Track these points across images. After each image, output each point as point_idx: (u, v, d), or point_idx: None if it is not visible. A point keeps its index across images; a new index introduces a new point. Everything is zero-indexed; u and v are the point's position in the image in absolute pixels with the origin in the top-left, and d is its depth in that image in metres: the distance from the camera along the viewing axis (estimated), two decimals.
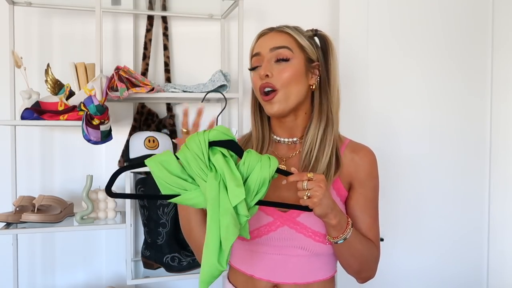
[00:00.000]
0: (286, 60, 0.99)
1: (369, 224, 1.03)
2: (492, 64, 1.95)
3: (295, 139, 1.06)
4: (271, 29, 1.03)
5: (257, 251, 1.02)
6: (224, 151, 0.86)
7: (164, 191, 0.87)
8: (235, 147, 0.87)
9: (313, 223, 0.98)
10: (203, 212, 1.03)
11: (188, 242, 1.08)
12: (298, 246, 0.99)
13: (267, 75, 0.98)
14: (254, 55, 1.03)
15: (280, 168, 0.89)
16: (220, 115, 1.13)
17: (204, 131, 0.87)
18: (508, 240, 1.93)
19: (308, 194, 0.86)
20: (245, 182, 0.86)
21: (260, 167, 0.85)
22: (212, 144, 0.85)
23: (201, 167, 0.84)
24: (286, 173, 0.89)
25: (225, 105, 1.19)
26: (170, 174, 0.85)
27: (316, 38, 1.06)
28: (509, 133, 1.92)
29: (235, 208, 0.84)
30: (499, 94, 1.94)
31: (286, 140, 1.06)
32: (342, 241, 0.94)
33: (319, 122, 1.02)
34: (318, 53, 1.04)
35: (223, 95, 1.21)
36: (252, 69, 1.04)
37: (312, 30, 1.05)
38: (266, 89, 0.99)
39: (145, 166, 0.86)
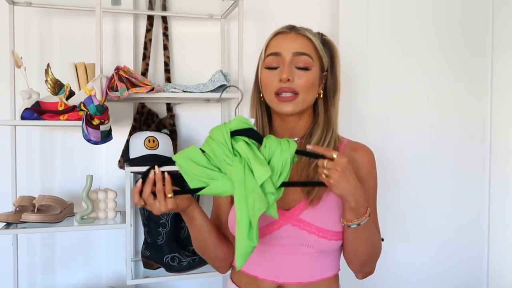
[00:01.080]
0: (308, 68, 0.99)
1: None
2: (492, 64, 1.95)
3: (296, 139, 1.06)
4: (291, 29, 1.02)
5: (260, 251, 1.02)
6: (246, 139, 0.90)
7: (192, 184, 0.90)
8: (255, 135, 0.91)
9: (316, 220, 0.98)
10: (215, 230, 1.06)
11: (203, 257, 1.11)
12: (303, 244, 0.99)
13: (288, 79, 0.97)
14: (272, 53, 1.01)
15: (299, 149, 0.92)
16: (237, 107, 1.16)
17: (225, 123, 0.91)
18: (508, 240, 1.93)
19: (326, 173, 0.87)
20: (268, 164, 0.89)
21: (280, 150, 0.89)
22: (233, 133, 0.89)
23: (226, 153, 0.88)
24: (305, 153, 0.93)
25: (241, 99, 1.20)
26: (198, 165, 0.89)
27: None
28: (509, 133, 1.92)
29: (262, 187, 0.87)
30: (499, 94, 1.94)
31: None
32: (355, 225, 0.93)
33: (325, 131, 1.03)
34: (328, 61, 1.04)
35: (238, 88, 1.23)
36: (269, 68, 1.01)
37: (318, 33, 1.05)
38: (285, 94, 0.98)
39: (173, 162, 0.90)
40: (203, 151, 0.91)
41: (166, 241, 1.59)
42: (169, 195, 0.90)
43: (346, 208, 0.93)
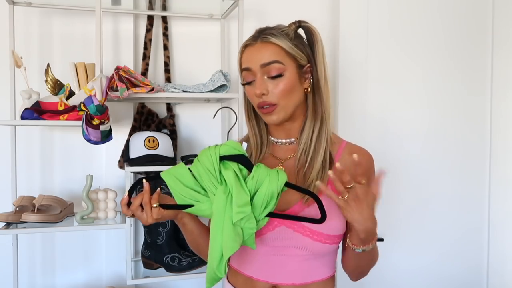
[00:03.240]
0: (280, 75, 0.97)
1: None
2: (492, 64, 1.95)
3: (292, 139, 1.06)
4: (255, 39, 0.99)
5: (255, 251, 1.02)
6: (235, 165, 0.89)
7: (179, 201, 0.91)
8: (245, 162, 0.90)
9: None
10: (207, 232, 1.07)
11: (199, 256, 1.14)
12: (296, 246, 0.99)
13: (263, 94, 0.97)
14: (244, 69, 1.01)
15: (289, 182, 0.91)
16: (231, 129, 1.16)
17: (216, 145, 0.90)
18: (508, 240, 1.93)
19: (346, 197, 0.88)
20: (254, 196, 0.88)
21: (268, 181, 0.88)
22: (223, 158, 0.88)
23: (212, 181, 0.88)
24: (295, 187, 0.92)
25: (236, 121, 1.19)
26: (184, 187, 0.90)
27: (301, 31, 1.03)
28: (509, 133, 1.92)
29: (242, 221, 0.87)
30: (499, 94, 1.94)
31: (284, 141, 1.07)
32: (360, 250, 0.95)
33: (313, 123, 1.02)
34: (307, 52, 1.01)
35: (232, 110, 1.23)
36: (246, 83, 1.02)
37: (295, 23, 1.03)
38: (265, 107, 0.99)
39: (161, 179, 0.91)
40: (191, 171, 0.91)
41: (166, 241, 1.59)
42: (155, 205, 0.92)
43: (354, 234, 0.94)
